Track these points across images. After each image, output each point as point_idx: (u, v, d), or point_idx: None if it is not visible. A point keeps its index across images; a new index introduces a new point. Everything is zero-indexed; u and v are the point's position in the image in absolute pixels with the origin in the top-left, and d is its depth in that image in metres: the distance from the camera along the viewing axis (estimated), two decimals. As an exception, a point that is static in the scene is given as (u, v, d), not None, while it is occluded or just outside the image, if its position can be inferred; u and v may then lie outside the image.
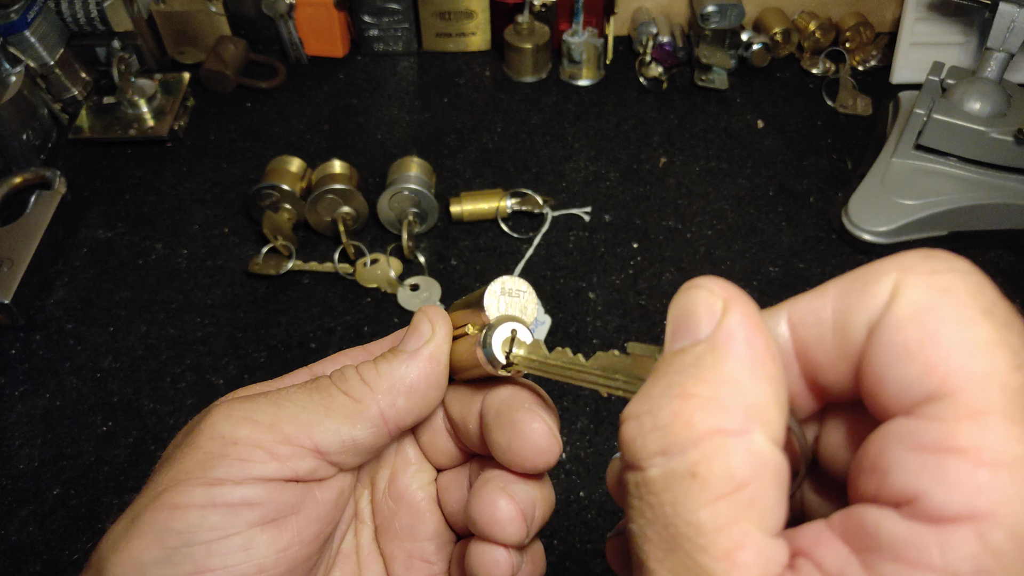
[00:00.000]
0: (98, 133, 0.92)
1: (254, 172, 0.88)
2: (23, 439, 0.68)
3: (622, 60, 1.02)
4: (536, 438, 0.32)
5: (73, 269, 0.80)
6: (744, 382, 0.20)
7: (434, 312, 0.34)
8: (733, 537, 0.19)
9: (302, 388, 0.32)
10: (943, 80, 0.82)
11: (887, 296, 0.20)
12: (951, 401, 0.18)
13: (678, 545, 0.19)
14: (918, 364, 0.19)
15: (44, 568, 0.61)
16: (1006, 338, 0.19)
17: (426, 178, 0.83)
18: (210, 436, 0.31)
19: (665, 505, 0.20)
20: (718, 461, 0.19)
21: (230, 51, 0.98)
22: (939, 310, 0.19)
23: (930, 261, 0.20)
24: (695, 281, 0.23)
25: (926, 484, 0.18)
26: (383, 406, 0.32)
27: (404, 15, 1.00)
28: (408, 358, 0.33)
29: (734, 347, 0.21)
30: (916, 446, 0.18)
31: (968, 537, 0.17)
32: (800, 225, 0.83)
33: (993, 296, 0.20)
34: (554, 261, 0.80)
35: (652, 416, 0.21)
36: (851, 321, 0.21)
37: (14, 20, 0.85)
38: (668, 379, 0.21)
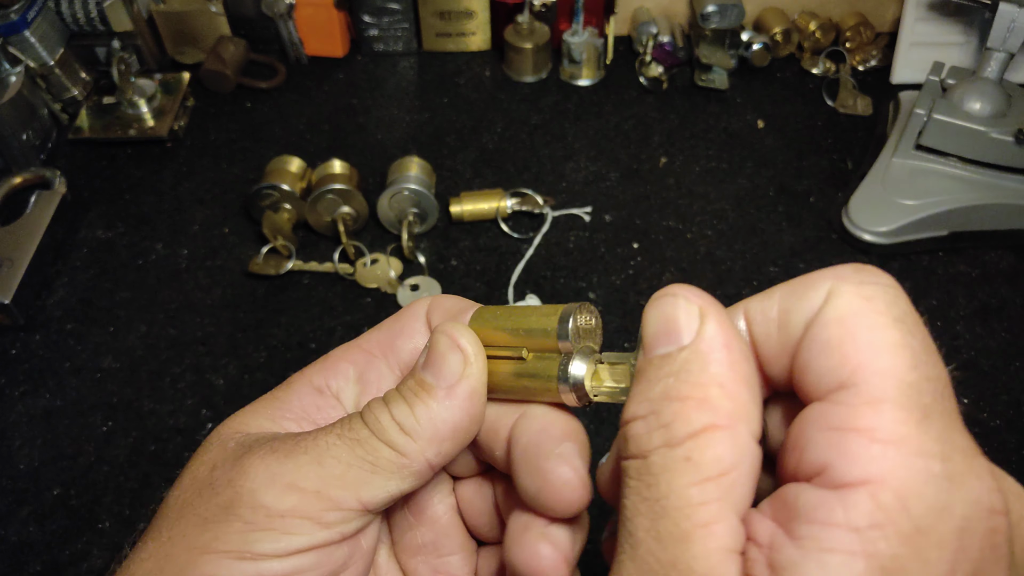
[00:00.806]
0: (98, 133, 0.92)
1: (254, 172, 0.87)
2: (23, 439, 0.68)
3: (622, 60, 1.02)
4: (566, 491, 0.31)
5: (73, 269, 0.80)
6: (728, 384, 0.24)
7: (464, 337, 0.32)
8: (713, 512, 0.23)
9: (341, 440, 0.30)
10: (943, 80, 0.82)
11: (821, 300, 0.24)
12: (856, 390, 0.22)
13: (666, 514, 0.23)
14: (835, 357, 0.23)
15: (44, 568, 0.61)
16: (909, 342, 0.23)
17: (426, 178, 0.83)
18: (251, 506, 0.29)
19: (661, 483, 0.23)
20: (709, 449, 0.23)
21: (230, 51, 0.98)
22: (859, 315, 0.23)
23: (860, 274, 0.24)
24: (670, 289, 0.26)
25: (832, 457, 0.22)
26: (429, 456, 0.31)
27: (404, 15, 1.00)
28: (446, 398, 0.31)
29: (715, 353, 0.24)
30: (825, 426, 0.22)
31: (864, 498, 0.21)
32: (800, 225, 0.83)
33: (905, 308, 0.24)
34: (554, 261, 0.80)
35: (656, 416, 0.24)
36: (791, 320, 0.25)
37: (14, 20, 0.85)
38: (663, 383, 0.25)
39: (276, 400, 0.34)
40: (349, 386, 0.35)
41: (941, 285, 0.78)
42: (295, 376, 0.36)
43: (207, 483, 0.30)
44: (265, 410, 0.34)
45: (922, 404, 0.22)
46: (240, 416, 0.34)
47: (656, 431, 0.24)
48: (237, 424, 0.33)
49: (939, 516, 0.21)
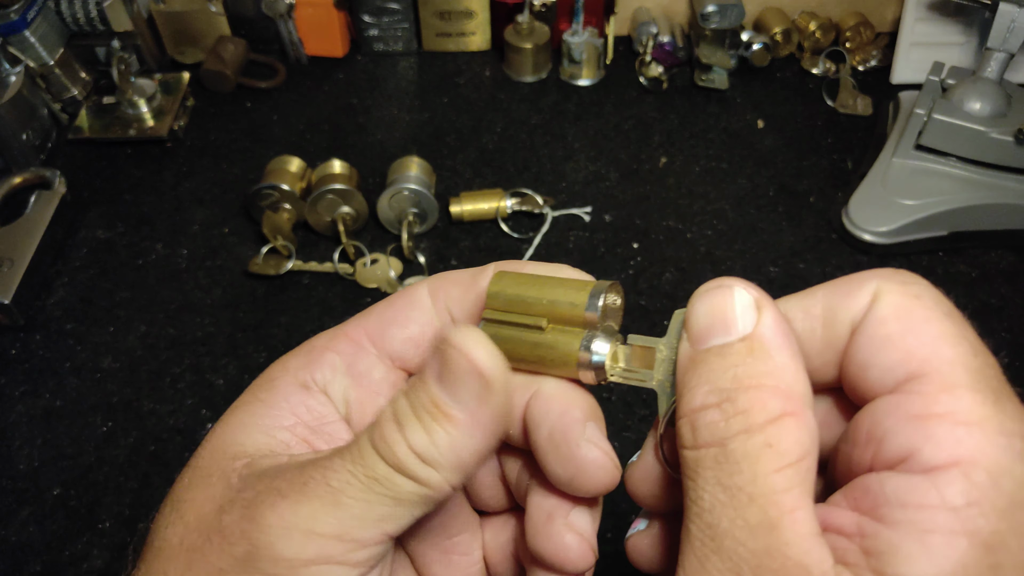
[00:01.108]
0: (98, 133, 0.91)
1: (254, 172, 0.87)
2: (23, 439, 0.68)
3: (622, 60, 1.02)
4: (601, 475, 0.31)
5: (73, 269, 0.80)
6: (792, 371, 0.25)
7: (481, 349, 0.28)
8: (796, 498, 0.23)
9: (355, 477, 0.28)
10: (943, 80, 0.82)
11: (868, 299, 0.25)
12: (928, 379, 0.23)
13: (753, 502, 0.23)
14: (899, 351, 0.24)
15: (44, 568, 0.61)
16: (964, 333, 0.24)
17: (426, 178, 0.83)
18: (271, 559, 0.27)
19: (744, 471, 0.23)
20: (788, 435, 0.23)
21: (230, 51, 0.98)
22: (913, 311, 0.25)
23: (902, 275, 0.26)
24: (722, 281, 0.27)
25: (918, 443, 0.22)
26: (454, 483, 0.29)
27: (404, 15, 1.00)
28: (468, 426, 0.28)
29: (779, 342, 0.25)
30: (905, 415, 0.23)
31: (957, 478, 0.21)
32: (800, 225, 0.83)
33: (950, 304, 0.25)
34: (554, 261, 0.80)
35: (732, 403, 0.24)
36: (838, 317, 0.26)
37: (14, 20, 0.85)
38: (732, 371, 0.25)
39: (264, 405, 0.32)
40: (337, 379, 0.33)
41: (941, 285, 0.77)
42: (276, 370, 0.34)
43: (216, 529, 0.28)
44: (254, 419, 0.32)
45: (992, 387, 0.23)
46: (231, 432, 0.32)
47: (734, 418, 0.24)
48: (228, 445, 0.31)
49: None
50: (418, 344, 0.34)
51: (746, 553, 0.23)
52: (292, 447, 0.32)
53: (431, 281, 0.34)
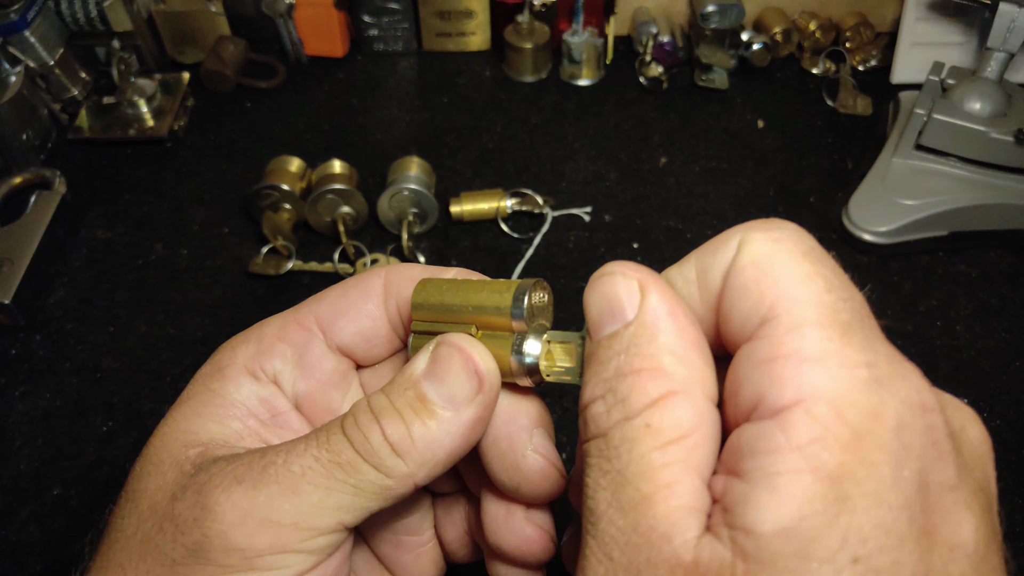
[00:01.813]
0: (98, 133, 0.91)
1: (254, 172, 0.87)
2: (23, 439, 0.68)
3: (622, 60, 1.02)
4: (546, 484, 0.31)
5: (73, 269, 0.80)
6: (678, 351, 0.24)
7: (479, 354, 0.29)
8: (675, 472, 0.22)
9: (319, 463, 0.28)
10: (943, 80, 0.82)
11: (734, 251, 0.25)
12: (777, 320, 0.23)
13: (627, 482, 0.22)
14: (753, 296, 0.23)
15: (44, 568, 0.61)
16: (820, 270, 0.23)
17: (426, 178, 0.83)
18: (223, 549, 0.26)
19: (622, 454, 0.23)
20: (668, 414, 0.23)
21: (230, 51, 0.98)
22: (770, 255, 0.24)
23: (767, 223, 0.26)
24: (607, 268, 0.27)
25: (764, 387, 0.22)
26: (419, 479, 0.28)
27: (404, 15, 1.00)
28: (450, 424, 0.28)
29: (661, 323, 0.25)
30: (754, 361, 0.23)
31: (800, 416, 0.21)
32: (800, 225, 0.83)
33: (812, 244, 0.25)
34: (554, 261, 0.80)
35: (613, 393, 0.24)
36: (709, 275, 0.26)
37: (14, 20, 0.85)
38: (615, 361, 0.24)
39: (214, 395, 0.32)
40: (287, 369, 0.33)
41: (941, 285, 0.78)
42: (225, 358, 0.33)
43: (168, 517, 0.28)
44: (206, 409, 0.31)
45: (841, 321, 0.22)
46: (181, 421, 0.31)
47: (614, 407, 0.24)
48: (181, 433, 0.31)
49: (874, 418, 0.21)
50: (367, 338, 0.34)
51: (616, 532, 0.22)
52: (244, 437, 0.31)
53: (388, 272, 0.33)
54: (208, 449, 0.30)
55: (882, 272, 0.79)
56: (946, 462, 0.21)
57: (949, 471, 0.21)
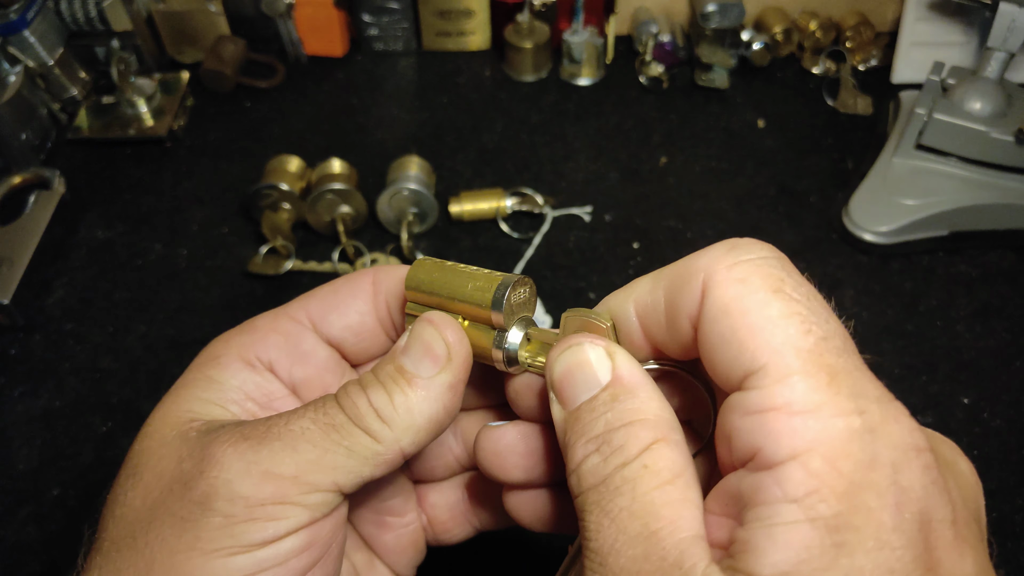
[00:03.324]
0: (97, 133, 0.91)
1: (253, 172, 0.87)
2: (22, 439, 0.68)
3: (622, 59, 1.02)
4: None
5: (72, 269, 0.80)
6: (655, 402, 0.26)
7: (446, 325, 0.31)
8: (676, 509, 0.24)
9: (316, 423, 0.30)
10: (944, 80, 0.82)
11: (699, 294, 0.26)
12: (763, 371, 0.23)
13: (635, 518, 0.24)
14: (733, 348, 0.24)
15: (44, 568, 0.61)
16: (794, 309, 0.24)
17: (426, 178, 0.83)
18: (228, 498, 0.28)
19: (624, 494, 0.24)
20: (661, 457, 0.25)
21: (229, 50, 0.98)
22: (740, 299, 0.25)
23: (730, 254, 0.26)
24: (571, 340, 0.29)
25: (759, 440, 0.23)
26: (404, 445, 0.31)
27: (404, 14, 1.00)
28: (425, 390, 0.31)
29: (636, 380, 0.27)
30: (745, 413, 0.24)
31: (796, 470, 0.22)
32: (801, 225, 0.83)
33: (781, 274, 0.25)
34: (554, 261, 0.80)
35: (608, 444, 0.26)
36: (678, 316, 0.27)
37: (13, 20, 0.85)
38: (603, 419, 0.26)
39: (212, 382, 0.33)
40: (282, 358, 0.35)
41: (941, 285, 0.78)
42: (220, 347, 0.34)
43: (176, 478, 0.30)
44: (205, 394, 0.33)
45: (826, 365, 0.23)
46: (182, 402, 0.33)
47: (611, 456, 0.25)
48: (183, 412, 0.32)
49: (869, 467, 0.22)
50: (356, 332, 0.36)
51: (627, 562, 0.23)
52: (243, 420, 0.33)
53: (376, 272, 0.36)
54: (211, 423, 0.32)
55: (882, 272, 0.79)
56: (944, 499, 0.22)
57: (947, 508, 0.22)
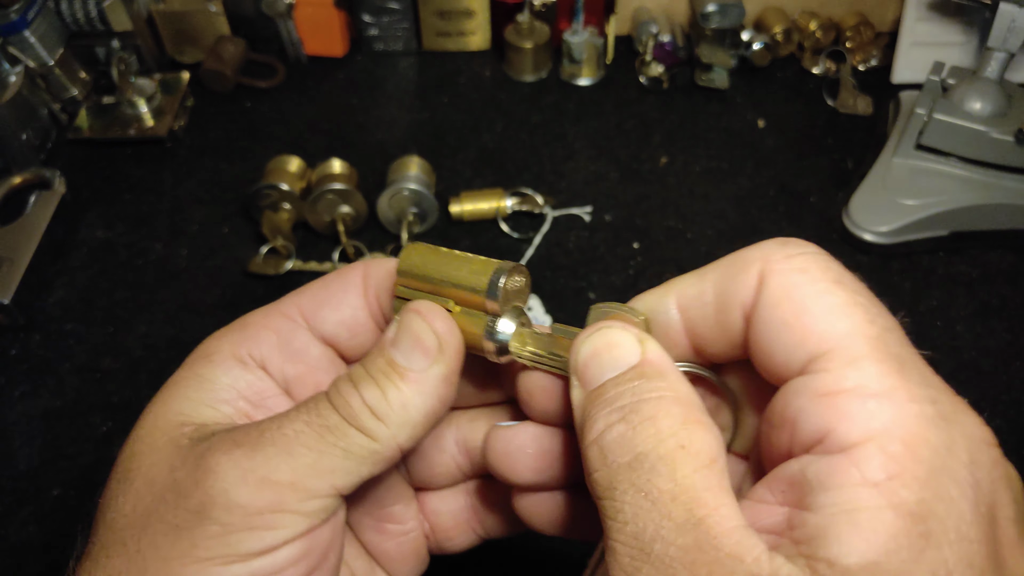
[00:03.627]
0: (97, 133, 0.91)
1: (253, 172, 0.87)
2: (23, 439, 0.68)
3: (622, 59, 1.02)
4: None
5: (72, 269, 0.80)
6: (684, 387, 0.26)
7: (436, 316, 0.31)
8: (718, 495, 0.23)
9: (311, 426, 0.29)
10: (944, 80, 0.82)
11: (755, 282, 0.26)
12: (830, 355, 0.23)
13: (676, 501, 0.23)
14: (796, 333, 0.24)
15: (44, 569, 0.61)
16: (857, 300, 0.24)
17: (426, 178, 0.83)
18: (225, 507, 0.28)
19: (662, 475, 0.23)
20: (698, 438, 0.24)
21: (229, 50, 0.98)
22: (802, 287, 0.25)
23: (785, 248, 0.26)
24: (601, 324, 0.28)
25: (831, 422, 0.22)
26: (401, 441, 0.30)
27: (404, 14, 1.00)
28: (419, 384, 0.30)
29: (668, 365, 0.26)
30: (814, 395, 0.23)
31: (875, 452, 0.21)
32: (801, 225, 0.83)
33: (839, 269, 0.26)
34: (554, 261, 0.80)
35: (637, 414, 0.25)
36: (729, 305, 0.27)
37: (14, 20, 0.85)
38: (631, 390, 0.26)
39: (203, 380, 0.33)
40: (274, 355, 0.34)
41: (941, 285, 0.78)
42: (211, 346, 0.34)
43: (169, 487, 0.29)
44: (196, 393, 0.32)
45: (893, 354, 0.23)
46: (172, 403, 0.32)
47: (641, 425, 0.24)
48: (173, 415, 0.31)
49: (948, 455, 0.21)
50: (350, 327, 0.35)
51: (677, 552, 0.22)
52: (236, 421, 0.32)
53: (367, 265, 0.35)
54: (202, 427, 0.31)
55: (882, 272, 0.79)
56: (1009, 496, 0.22)
57: (1012, 506, 0.22)
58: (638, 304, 0.30)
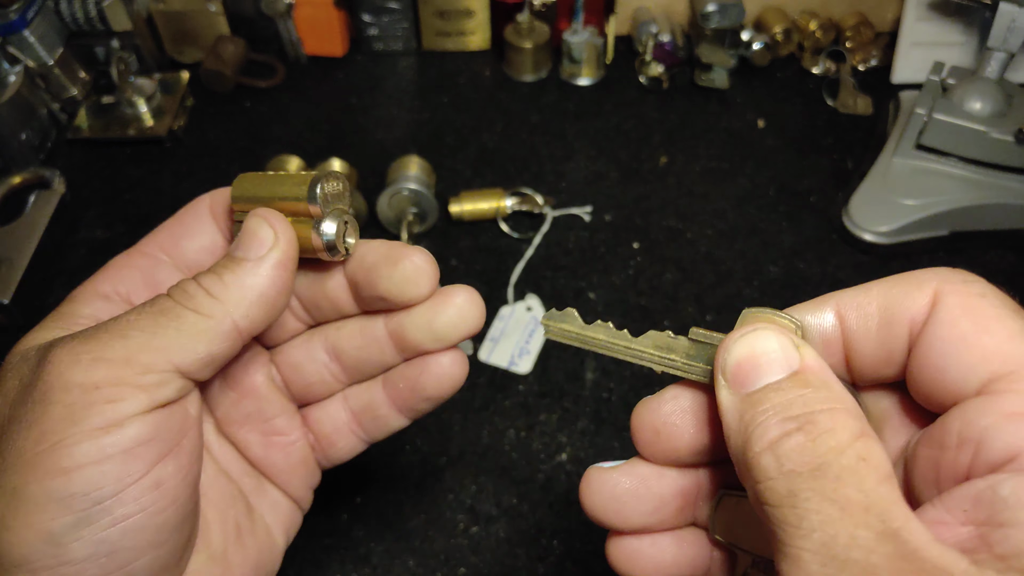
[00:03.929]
0: (97, 133, 0.91)
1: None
2: (22, 440, 0.67)
3: (622, 59, 1.02)
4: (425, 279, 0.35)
5: (72, 269, 0.80)
6: (849, 399, 0.25)
7: (272, 215, 0.33)
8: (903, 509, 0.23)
9: (144, 313, 0.31)
10: (944, 80, 0.82)
11: (928, 299, 0.26)
12: (1015, 377, 0.23)
13: (869, 512, 0.23)
14: (976, 352, 0.24)
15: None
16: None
17: (426, 178, 0.83)
18: (63, 388, 0.29)
19: (850, 484, 0.23)
20: (875, 450, 0.24)
21: (229, 50, 0.98)
22: (982, 310, 0.25)
23: (961, 274, 0.27)
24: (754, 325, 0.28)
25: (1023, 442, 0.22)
26: (236, 318, 0.31)
27: (404, 14, 1.00)
28: (254, 267, 0.32)
29: (829, 373, 0.26)
30: (1004, 415, 0.23)
31: None
32: (801, 225, 0.83)
33: (1013, 302, 0.26)
34: (554, 261, 0.80)
35: (814, 425, 0.24)
36: (895, 317, 0.26)
37: (13, 20, 0.85)
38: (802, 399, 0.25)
39: (63, 315, 0.34)
40: (139, 290, 0.36)
41: (941, 285, 0.77)
42: (77, 290, 0.35)
43: (19, 391, 0.30)
44: (55, 324, 0.34)
45: None
46: (30, 335, 0.33)
47: (820, 437, 0.24)
48: (30, 341, 0.33)
49: None
50: (211, 252, 0.37)
51: (879, 560, 0.22)
52: None
53: (211, 195, 0.38)
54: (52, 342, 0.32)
55: (882, 272, 0.78)
56: None
57: None
58: (794, 313, 0.29)
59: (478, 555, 0.61)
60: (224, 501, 0.37)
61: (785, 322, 0.28)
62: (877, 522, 0.22)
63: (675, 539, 0.33)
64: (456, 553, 0.61)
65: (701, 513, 0.33)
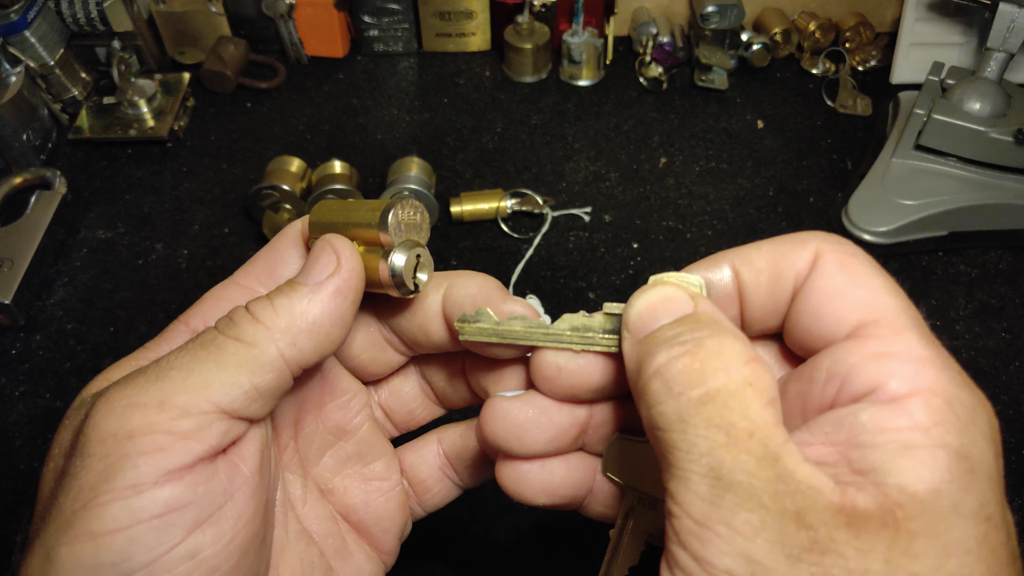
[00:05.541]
0: (98, 133, 0.92)
1: (254, 172, 0.88)
2: (23, 439, 0.68)
3: (622, 60, 1.02)
4: None
5: (73, 269, 0.80)
6: (738, 330, 0.27)
7: (338, 241, 0.31)
8: (783, 432, 0.25)
9: (186, 349, 0.29)
10: (943, 80, 0.82)
11: (811, 256, 0.29)
12: (880, 324, 0.27)
13: (752, 437, 0.25)
14: (848, 301, 0.27)
15: (44, 568, 0.61)
16: (893, 286, 0.28)
17: (426, 178, 0.83)
18: (99, 440, 0.27)
19: (735, 408, 0.25)
20: (762, 376, 0.26)
21: (230, 51, 0.98)
22: (855, 267, 0.28)
23: (835, 236, 0.29)
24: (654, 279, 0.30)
25: (882, 378, 0.25)
26: (282, 347, 0.29)
27: (404, 15, 1.00)
28: (311, 293, 0.30)
29: (719, 315, 0.28)
30: (867, 355, 0.26)
31: (922, 404, 0.25)
32: (800, 225, 0.83)
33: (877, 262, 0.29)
34: (554, 261, 0.80)
35: (702, 348, 0.26)
36: (783, 271, 0.29)
37: (14, 20, 0.85)
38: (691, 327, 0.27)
39: (147, 350, 0.32)
40: None
41: (941, 285, 0.78)
42: (170, 324, 0.34)
43: (71, 444, 0.28)
44: (133, 362, 0.32)
45: (926, 332, 0.27)
46: (107, 372, 0.32)
47: (708, 359, 0.26)
48: (98, 385, 0.31)
49: (977, 413, 0.25)
50: None
51: (760, 483, 0.24)
52: None
53: (302, 221, 0.36)
54: None
55: (882, 272, 0.79)
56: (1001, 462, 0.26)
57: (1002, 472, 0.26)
58: (692, 272, 0.31)
59: (478, 554, 0.61)
60: (300, 567, 0.34)
61: (691, 279, 0.30)
62: (759, 447, 0.24)
63: (563, 462, 0.34)
64: (457, 553, 0.62)
65: (590, 440, 0.34)
